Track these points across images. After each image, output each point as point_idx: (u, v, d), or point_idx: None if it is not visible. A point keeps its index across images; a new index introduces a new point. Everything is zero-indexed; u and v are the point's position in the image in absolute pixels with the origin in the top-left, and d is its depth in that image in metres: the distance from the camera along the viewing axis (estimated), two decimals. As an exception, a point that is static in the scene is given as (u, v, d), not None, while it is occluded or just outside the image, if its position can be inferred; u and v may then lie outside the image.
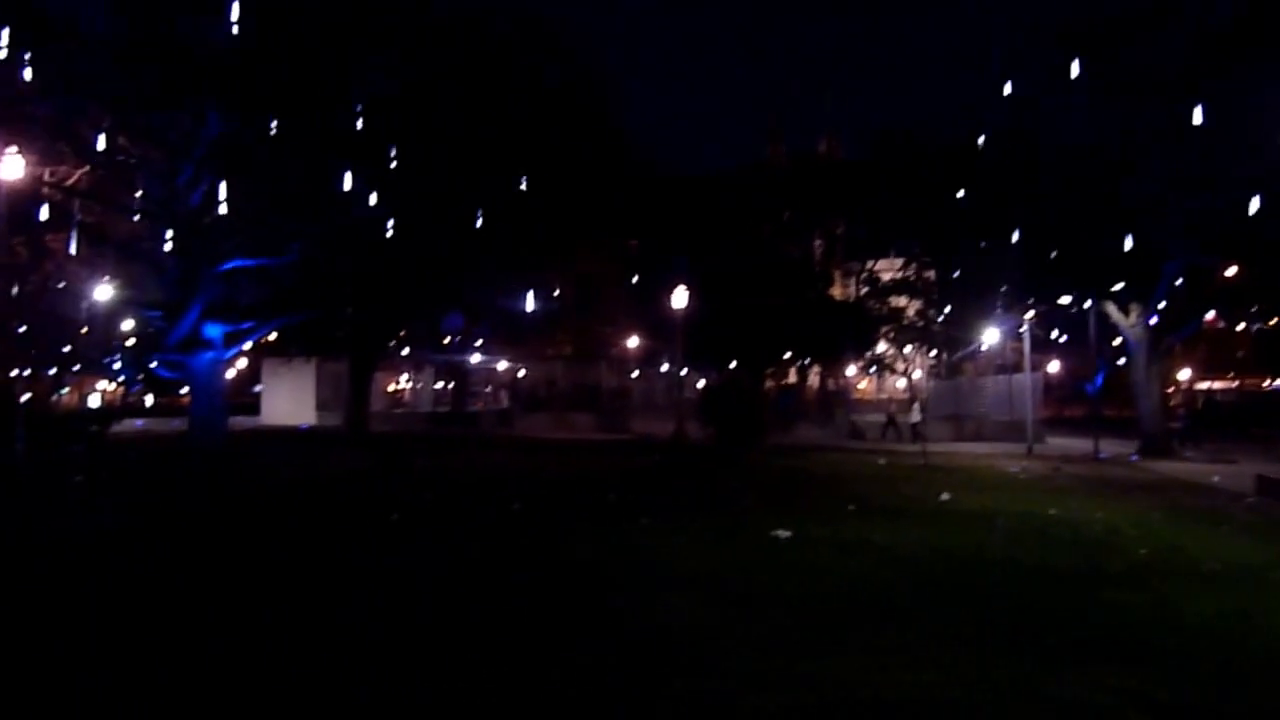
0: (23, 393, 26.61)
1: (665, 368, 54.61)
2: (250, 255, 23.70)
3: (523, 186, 24.78)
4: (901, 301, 49.96)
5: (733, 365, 47.75)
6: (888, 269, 52.39)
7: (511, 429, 36.64)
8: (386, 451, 24.60)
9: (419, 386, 49.76)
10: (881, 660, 6.06)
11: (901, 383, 55.31)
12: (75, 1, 21.27)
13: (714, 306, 38.65)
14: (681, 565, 9.39)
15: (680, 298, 31.38)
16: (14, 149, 21.03)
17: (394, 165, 22.60)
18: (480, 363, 46.06)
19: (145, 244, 24.62)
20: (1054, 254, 27.07)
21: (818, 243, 52.07)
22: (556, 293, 30.05)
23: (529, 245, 29.29)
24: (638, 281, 33.17)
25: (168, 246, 23.02)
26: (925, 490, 16.86)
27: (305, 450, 25.83)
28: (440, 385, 49.56)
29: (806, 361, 50.61)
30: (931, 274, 48.60)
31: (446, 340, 40.40)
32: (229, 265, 23.57)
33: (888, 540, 11.03)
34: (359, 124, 22.14)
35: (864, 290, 51.11)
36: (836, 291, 52.84)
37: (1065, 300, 29.74)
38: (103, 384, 47.51)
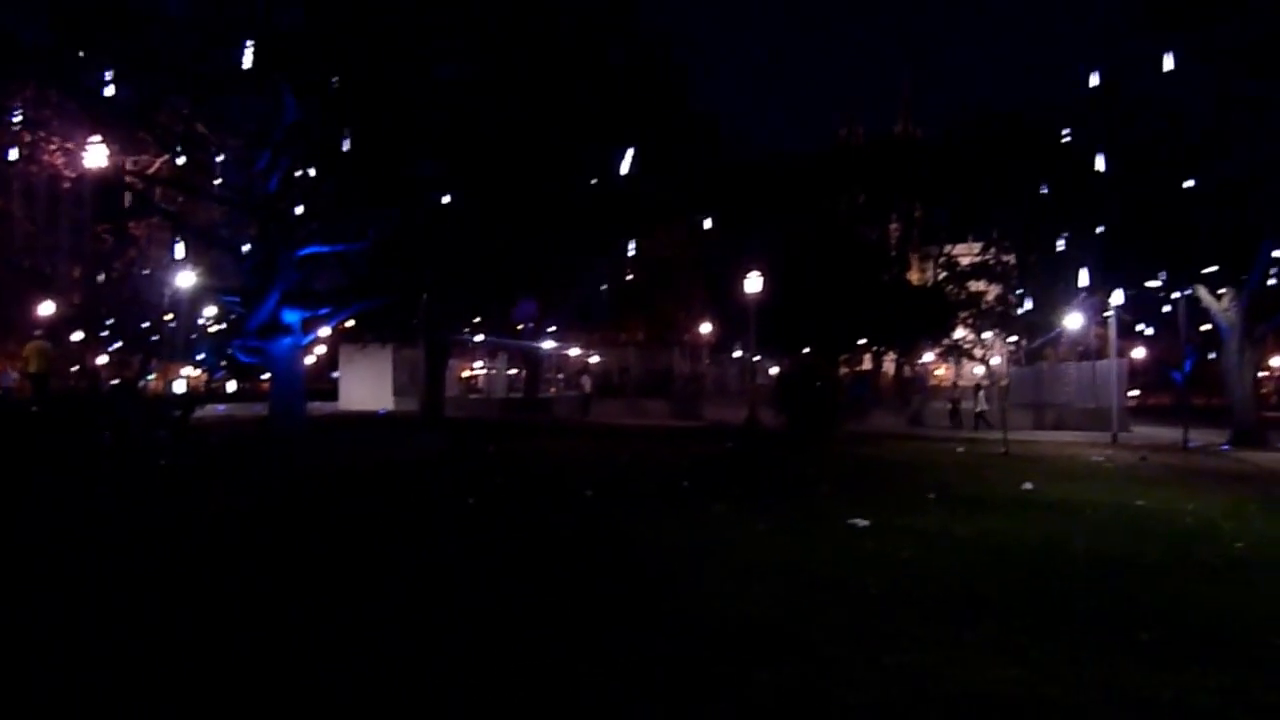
0: (111, 378, 27.39)
1: (737, 354, 54.30)
2: (327, 241, 24.00)
3: (597, 167, 24.71)
4: (980, 286, 48.79)
5: (805, 351, 47.28)
6: (966, 253, 51.24)
7: (589, 415, 36.63)
8: (461, 437, 24.83)
9: (492, 373, 50.22)
10: (969, 655, 5.84)
11: (979, 369, 54.12)
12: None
13: (788, 291, 38.24)
14: (759, 553, 9.21)
15: (754, 282, 31.07)
16: (97, 138, 21.63)
17: (468, 148, 22.68)
18: (553, 349, 46.33)
19: (224, 230, 25.12)
20: (1144, 235, 26.16)
21: (894, 226, 51.13)
22: (630, 277, 29.88)
23: (603, 229, 29.21)
24: (711, 266, 32.76)
25: (246, 233, 23.50)
26: (1007, 479, 16.43)
27: (382, 435, 26.12)
28: (513, 372, 50.01)
29: (881, 347, 49.82)
30: (1011, 258, 47.40)
31: (520, 326, 40.70)
32: (306, 251, 23.89)
33: (970, 530, 10.72)
34: (433, 106, 22.22)
35: (942, 275, 50.03)
36: (914, 276, 51.83)
37: (1155, 284, 28.73)
38: (188, 370, 49.02)
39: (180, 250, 25.33)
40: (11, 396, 38.25)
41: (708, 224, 31.36)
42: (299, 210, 23.41)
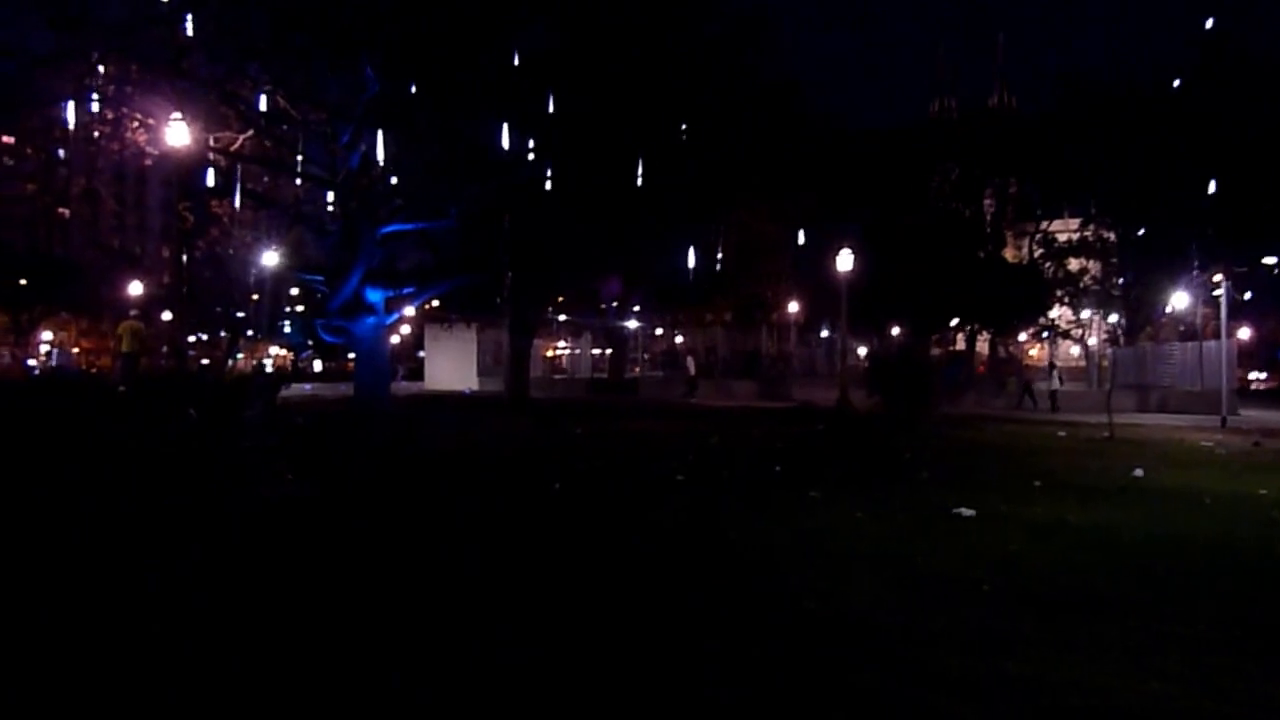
0: (200, 358, 27.91)
1: (825, 333, 53.39)
2: (410, 219, 23.93)
3: (684, 142, 24.21)
4: (1079, 264, 46.93)
5: (895, 331, 46.16)
6: (1063, 229, 49.36)
7: (696, 397, 35.93)
8: (546, 419, 24.72)
9: (578, 353, 50.25)
10: (1098, 663, 5.28)
11: (1077, 350, 52.21)
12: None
13: (879, 269, 37.27)
14: (858, 544, 8.64)
15: (845, 260, 30.32)
16: (178, 115, 21.89)
17: (553, 123, 22.36)
18: (638, 329, 46.11)
19: (307, 208, 25.21)
20: (1258, 207, 24.70)
21: (988, 202, 49.46)
22: (718, 255, 29.25)
23: (690, 205, 28.67)
24: (801, 242, 31.98)
25: (329, 211, 23.59)
26: (1115, 465, 15.54)
27: (466, 416, 25.96)
28: (598, 352, 49.95)
29: (975, 327, 48.34)
30: (1112, 235, 45.48)
31: (605, 306, 40.51)
32: (389, 229, 23.87)
33: (1082, 520, 10.01)
34: (517, 79, 21.93)
35: (1038, 252, 48.26)
36: (1009, 253, 50.06)
37: (1271, 260, 27.16)
38: (275, 349, 50.07)
39: (264, 228, 25.62)
40: (94, 376, 39.38)
41: (798, 200, 30.57)
42: (381, 187, 23.44)
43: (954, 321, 47.46)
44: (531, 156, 22.65)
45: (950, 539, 9.03)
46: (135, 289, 49.88)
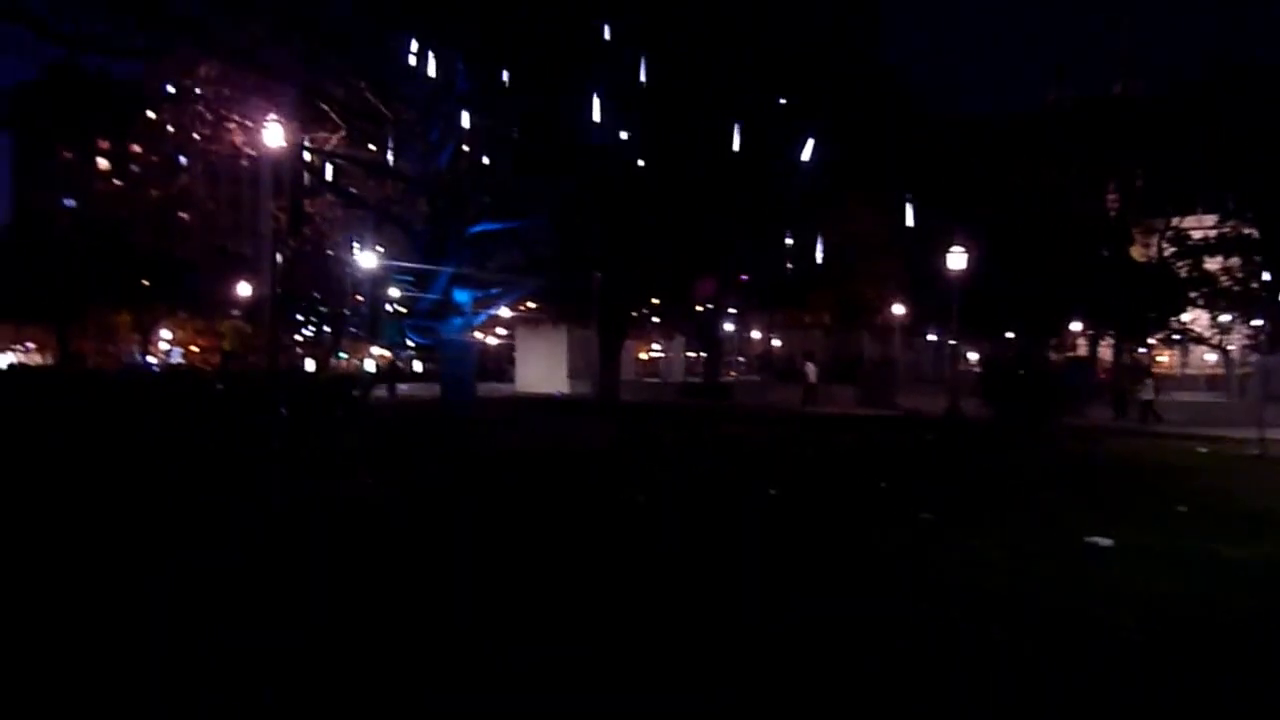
0: (305, 357, 27.93)
1: (932, 337, 51.20)
2: (498, 217, 23.36)
3: (786, 131, 22.90)
4: (1217, 262, 43.54)
5: (1010, 335, 43.74)
6: (1196, 226, 45.96)
7: (816, 407, 34.15)
8: (635, 424, 23.74)
9: (670, 355, 49.15)
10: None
11: (1212, 356, 48.72)
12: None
13: (992, 268, 35.05)
14: (980, 578, 7.40)
15: (957, 258, 28.42)
16: (273, 116, 21.74)
17: (646, 116, 21.44)
18: (733, 331, 44.84)
19: (397, 208, 24.89)
20: None
21: (1111, 197, 46.47)
22: (819, 253, 27.66)
23: (790, 198, 27.23)
24: (908, 240, 30.02)
25: (419, 210, 23.18)
26: (1270, 487, 13.71)
27: (551, 420, 25.14)
28: (692, 354, 48.79)
29: (1099, 331, 45.53)
30: (1255, 231, 42.05)
31: (699, 307, 39.31)
32: (478, 228, 23.32)
33: (1239, 553, 8.56)
34: (610, 62, 21.05)
35: (1169, 250, 45.04)
36: (1135, 252, 46.94)
37: None
38: (376, 349, 50.68)
39: (358, 228, 25.45)
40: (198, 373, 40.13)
41: (905, 194, 28.71)
42: (470, 185, 22.90)
43: (1074, 325, 44.72)
44: (624, 146, 21.69)
45: (1085, 574, 7.76)
46: (243, 289, 51.01)
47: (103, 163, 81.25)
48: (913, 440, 21.03)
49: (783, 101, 23.54)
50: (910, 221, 28.41)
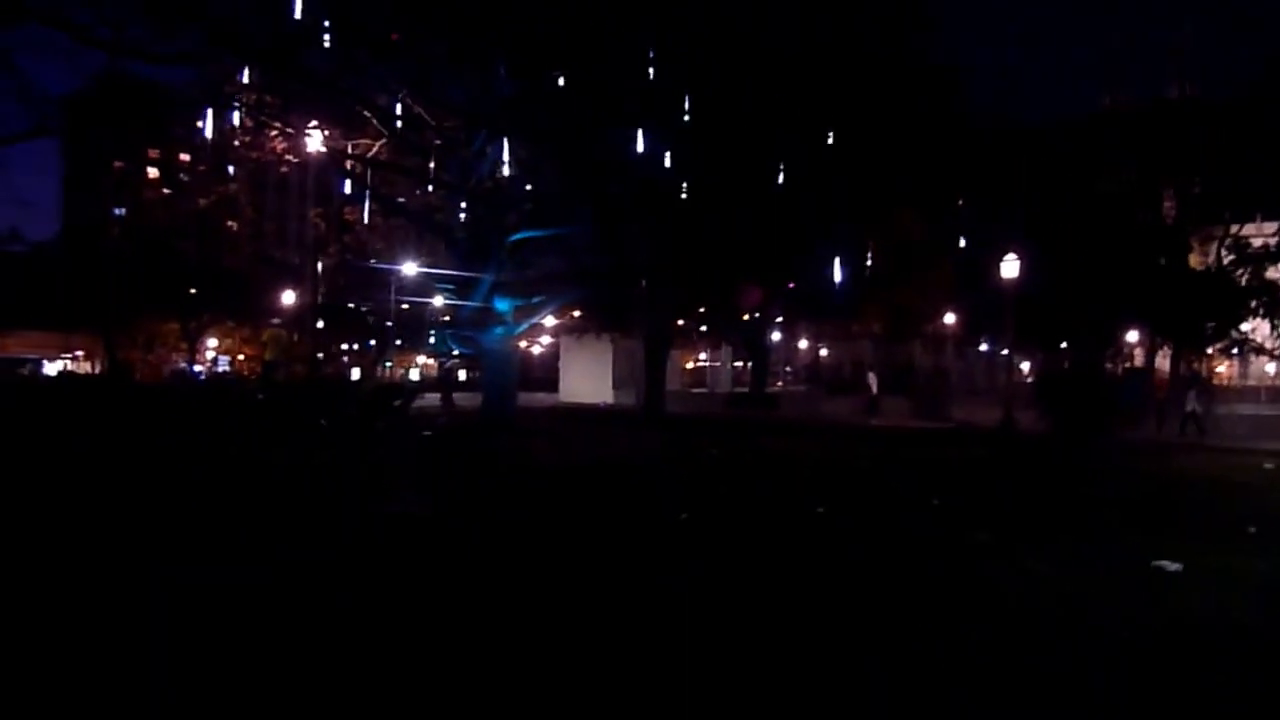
0: (351, 366, 27.88)
1: (984, 347, 50.21)
2: (540, 224, 23.11)
3: (831, 140, 22.35)
4: (1277, 271, 42.17)
5: (1064, 345, 42.69)
6: (1257, 234, 44.57)
7: (878, 417, 33.43)
8: (680, 436, 23.34)
9: (717, 365, 48.68)
10: None
11: (1272, 367, 47.22)
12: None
13: (1046, 277, 34.16)
14: (1045, 607, 6.98)
15: (1010, 266, 27.79)
16: (315, 123, 21.70)
17: (693, 114, 20.95)
18: (780, 340, 44.26)
19: (438, 215, 24.60)
20: None
21: (1168, 204, 45.23)
22: (868, 261, 26.88)
23: (837, 208, 26.58)
24: (960, 248, 29.11)
25: (460, 218, 22.97)
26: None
27: (594, 430, 24.74)
28: (739, 364, 48.27)
29: (1155, 341, 44.25)
30: (1317, 239, 40.69)
31: (746, 316, 38.79)
32: (519, 236, 23.05)
33: (1318, 579, 8.05)
34: (655, 69, 20.68)
35: (1228, 258, 43.72)
36: (1194, 260, 45.59)
37: None
38: (422, 358, 50.72)
39: (399, 236, 25.29)
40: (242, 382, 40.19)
41: (956, 201, 27.91)
42: (511, 192, 22.68)
43: (1132, 336, 43.49)
44: (671, 153, 21.32)
45: (1154, 602, 7.21)
46: (288, 298, 51.28)
47: (152, 171, 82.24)
48: (966, 454, 20.47)
49: (835, 106, 22.87)
50: (961, 229, 27.67)
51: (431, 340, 47.42)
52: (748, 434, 24.69)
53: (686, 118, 21.32)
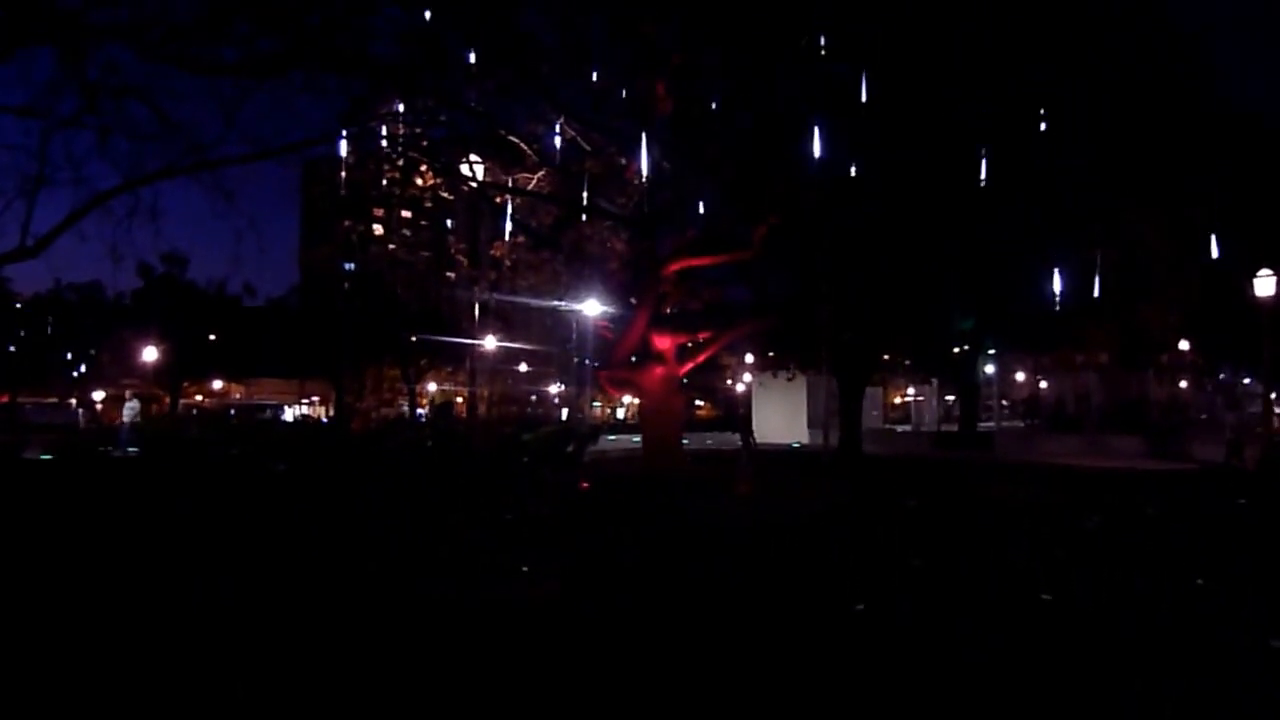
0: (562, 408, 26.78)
1: (1221, 376, 44.64)
2: (703, 252, 21.35)
3: (1050, 133, 19.20)
4: None
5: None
6: None
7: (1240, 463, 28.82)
8: (876, 483, 20.78)
9: (921, 400, 45.28)
10: None
11: None
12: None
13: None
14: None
15: (1266, 283, 23.89)
16: (475, 157, 20.91)
17: (874, 123, 18.53)
18: (994, 373, 40.54)
19: (594, 247, 23.05)
20: None
21: None
22: (1095, 281, 23.24)
23: (1057, 215, 23.17)
24: (1207, 261, 24.80)
25: (614, 249, 21.62)
26: None
27: (777, 478, 21.87)
28: (949, 399, 44.73)
29: None
30: None
31: (952, 346, 35.44)
32: (679, 266, 21.47)
33: None
34: (828, 66, 18.47)
35: None
36: None
37: None
38: (597, 401, 49.67)
39: (548, 272, 23.91)
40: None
41: (1201, 209, 23.80)
42: (671, 218, 21.11)
43: None
44: (855, 163, 19.03)
45: None
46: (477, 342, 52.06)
47: (377, 228, 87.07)
48: (1219, 507, 17.01)
49: (1048, 96, 19.58)
50: (1206, 241, 23.55)
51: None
52: (955, 479, 21.89)
53: (873, 119, 18.74)
